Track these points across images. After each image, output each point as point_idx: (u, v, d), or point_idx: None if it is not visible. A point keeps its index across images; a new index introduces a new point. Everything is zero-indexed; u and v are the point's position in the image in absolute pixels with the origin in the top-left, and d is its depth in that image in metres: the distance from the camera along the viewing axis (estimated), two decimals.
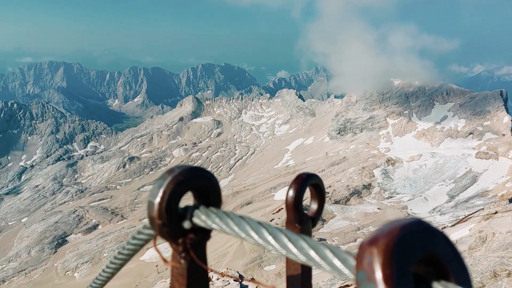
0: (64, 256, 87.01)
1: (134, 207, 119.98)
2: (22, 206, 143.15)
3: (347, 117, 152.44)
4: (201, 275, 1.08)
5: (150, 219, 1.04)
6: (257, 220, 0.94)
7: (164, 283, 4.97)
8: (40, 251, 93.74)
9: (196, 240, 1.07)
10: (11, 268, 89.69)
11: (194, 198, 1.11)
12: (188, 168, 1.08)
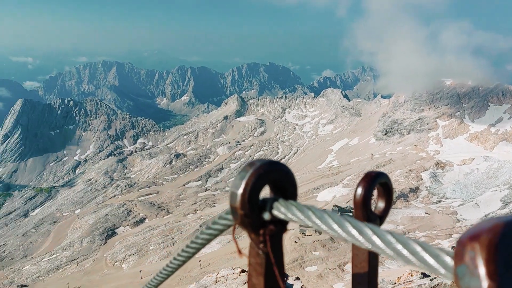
0: (113, 247, 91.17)
1: (179, 203, 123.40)
2: (76, 198, 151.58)
3: (394, 118, 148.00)
4: (278, 266, 1.12)
5: (232, 209, 1.08)
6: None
7: (211, 278, 5.28)
8: (91, 242, 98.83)
9: (275, 231, 1.11)
10: (65, 256, 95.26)
11: (271, 191, 1.17)
12: (268, 162, 1.13)
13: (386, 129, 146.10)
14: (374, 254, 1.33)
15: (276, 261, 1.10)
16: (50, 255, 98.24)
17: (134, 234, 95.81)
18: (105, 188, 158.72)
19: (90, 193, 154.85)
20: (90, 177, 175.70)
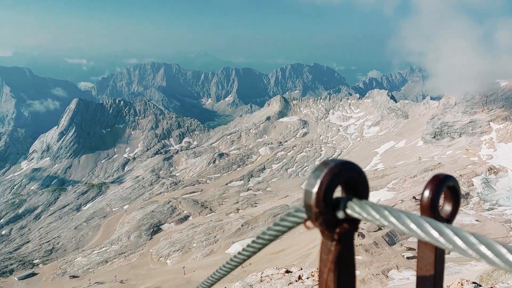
0: (158, 243, 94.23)
1: (222, 202, 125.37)
2: (124, 194, 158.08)
3: (444, 121, 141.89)
4: (350, 263, 1.16)
5: (306, 206, 1.12)
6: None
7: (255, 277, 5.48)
8: (138, 237, 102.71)
9: (348, 230, 1.15)
10: (113, 250, 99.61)
11: (343, 191, 1.19)
12: (342, 161, 1.17)
13: (435, 132, 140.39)
14: (440, 257, 1.32)
15: (348, 259, 1.15)
16: (99, 248, 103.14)
17: (178, 231, 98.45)
18: (151, 185, 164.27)
19: (137, 190, 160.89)
20: (138, 174, 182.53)
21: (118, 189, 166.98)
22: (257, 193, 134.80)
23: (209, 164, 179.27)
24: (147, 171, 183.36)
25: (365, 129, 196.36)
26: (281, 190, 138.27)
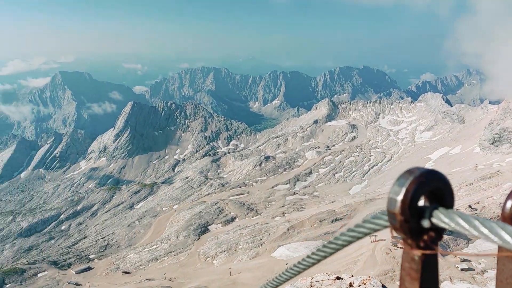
0: (206, 243, 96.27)
1: (268, 204, 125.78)
2: (174, 194, 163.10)
3: (504, 126, 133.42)
4: (433, 272, 1.16)
5: (390, 214, 1.13)
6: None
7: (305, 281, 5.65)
8: (186, 237, 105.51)
9: (433, 238, 1.15)
10: (163, 248, 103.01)
11: (427, 199, 1.19)
12: (428, 170, 1.15)
13: (494, 138, 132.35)
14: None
15: (432, 268, 1.15)
16: (150, 246, 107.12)
17: (225, 232, 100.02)
18: (200, 186, 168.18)
19: (186, 190, 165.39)
20: (187, 175, 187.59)
21: (168, 189, 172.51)
22: (303, 197, 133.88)
23: (255, 167, 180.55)
24: (196, 172, 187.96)
25: (418, 134, 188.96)
26: (328, 195, 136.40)
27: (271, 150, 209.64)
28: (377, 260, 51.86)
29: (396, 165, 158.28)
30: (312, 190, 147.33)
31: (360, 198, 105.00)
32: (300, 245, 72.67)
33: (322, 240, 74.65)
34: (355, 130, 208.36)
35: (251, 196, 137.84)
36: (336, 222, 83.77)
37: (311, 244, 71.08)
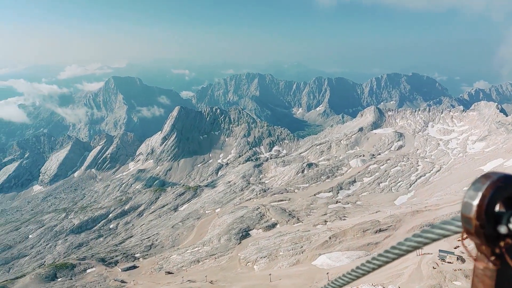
0: (246, 248, 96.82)
1: (309, 212, 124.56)
2: (217, 198, 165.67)
3: None
4: (509, 280, 1.12)
5: (465, 219, 1.09)
6: None
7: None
8: (228, 240, 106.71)
9: (510, 245, 1.10)
10: (205, 251, 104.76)
11: (503, 205, 1.15)
12: (505, 175, 1.11)
13: None
14: None
15: (507, 275, 1.12)
16: (193, 248, 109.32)
17: (266, 237, 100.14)
18: (242, 190, 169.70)
19: (229, 194, 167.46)
20: (230, 180, 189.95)
21: (211, 193, 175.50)
22: (346, 206, 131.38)
23: (297, 174, 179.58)
24: (238, 177, 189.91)
25: (469, 144, 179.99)
26: (372, 204, 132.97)
27: (314, 157, 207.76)
28: (423, 274, 49.90)
29: (445, 176, 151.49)
30: (355, 199, 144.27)
31: (405, 209, 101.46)
32: (342, 254, 71.35)
33: (365, 250, 72.91)
34: (402, 139, 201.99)
35: (293, 203, 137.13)
36: (380, 233, 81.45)
37: (353, 254, 69.62)
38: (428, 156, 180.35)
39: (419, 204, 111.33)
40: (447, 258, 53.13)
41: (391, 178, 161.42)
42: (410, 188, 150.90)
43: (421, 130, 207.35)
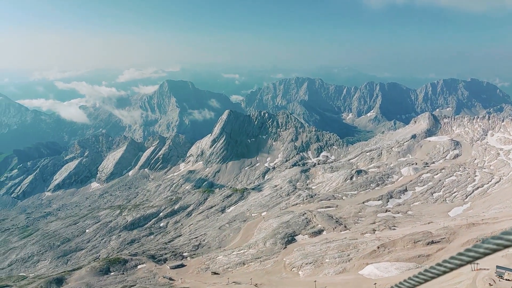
0: (292, 253, 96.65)
1: (357, 220, 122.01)
2: (263, 201, 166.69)
3: None
4: None
5: None
6: None
7: None
8: (273, 244, 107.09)
9: None
10: (250, 254, 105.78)
11: None
12: None
13: None
14: None
15: None
16: (238, 250, 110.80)
17: (312, 243, 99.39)
18: (288, 195, 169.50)
19: (275, 199, 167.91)
20: (276, 184, 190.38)
21: (258, 196, 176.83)
22: (397, 215, 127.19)
23: (345, 180, 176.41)
24: (285, 181, 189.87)
25: None
26: (424, 215, 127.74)
27: (363, 163, 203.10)
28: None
29: (505, 188, 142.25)
30: (406, 208, 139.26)
31: (461, 221, 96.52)
32: (390, 265, 69.36)
33: (415, 262, 70.40)
34: (458, 147, 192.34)
35: (340, 210, 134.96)
36: (432, 245, 78.14)
37: (403, 265, 67.47)
38: (487, 166, 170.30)
39: (476, 216, 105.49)
40: (506, 275, 50.14)
41: (446, 188, 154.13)
42: (466, 199, 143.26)
43: (480, 139, 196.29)
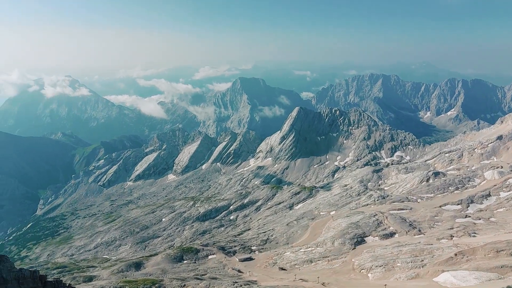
0: (361, 254, 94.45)
1: (433, 224, 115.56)
2: (332, 201, 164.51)
3: None
4: None
5: None
6: None
7: None
8: (342, 244, 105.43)
9: None
10: (318, 252, 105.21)
11: None
12: None
13: None
14: None
15: None
16: (306, 247, 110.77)
17: (382, 246, 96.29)
18: (358, 195, 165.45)
19: (345, 198, 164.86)
20: (346, 183, 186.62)
21: (326, 195, 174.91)
22: (477, 221, 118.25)
23: (421, 182, 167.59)
24: (355, 181, 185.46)
25: None
26: (509, 223, 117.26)
27: (441, 165, 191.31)
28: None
29: None
30: (489, 215, 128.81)
31: None
32: (469, 274, 64.99)
33: (497, 273, 65.27)
34: None
35: (414, 213, 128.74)
36: None
37: (483, 275, 62.88)
38: None
39: None
40: None
41: None
42: None
43: None
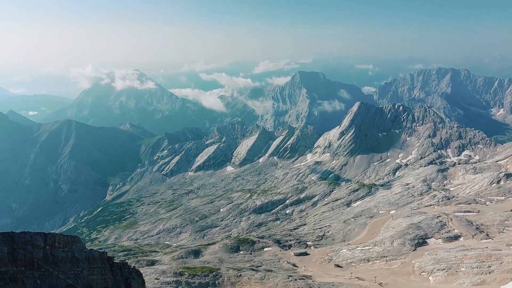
0: (422, 256, 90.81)
1: (503, 229, 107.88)
2: (392, 199, 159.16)
3: None
4: None
5: None
6: None
7: None
8: (401, 245, 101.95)
9: None
10: (375, 251, 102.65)
11: None
12: None
13: None
14: None
15: None
16: (363, 246, 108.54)
17: (446, 249, 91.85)
18: (421, 195, 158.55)
19: (406, 197, 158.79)
20: (408, 182, 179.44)
21: (386, 193, 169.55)
22: None
23: (491, 184, 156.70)
24: (418, 180, 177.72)
25: None
26: None
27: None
28: None
29: None
30: None
31: None
32: None
33: None
34: None
35: (482, 216, 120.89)
36: None
37: None
38: None
39: None
40: None
41: None
42: None
43: None
